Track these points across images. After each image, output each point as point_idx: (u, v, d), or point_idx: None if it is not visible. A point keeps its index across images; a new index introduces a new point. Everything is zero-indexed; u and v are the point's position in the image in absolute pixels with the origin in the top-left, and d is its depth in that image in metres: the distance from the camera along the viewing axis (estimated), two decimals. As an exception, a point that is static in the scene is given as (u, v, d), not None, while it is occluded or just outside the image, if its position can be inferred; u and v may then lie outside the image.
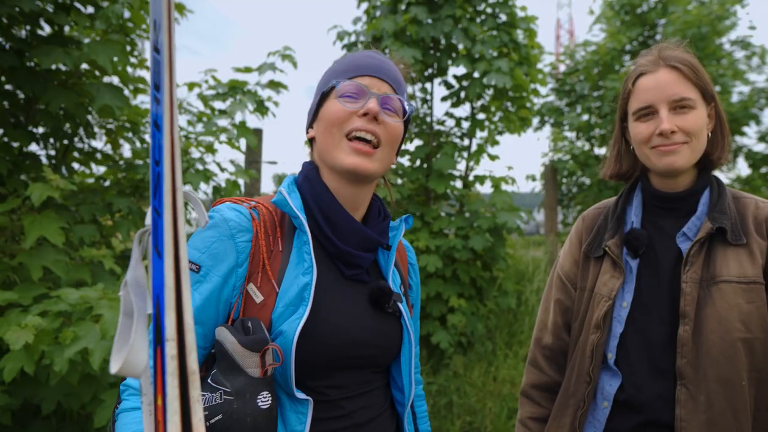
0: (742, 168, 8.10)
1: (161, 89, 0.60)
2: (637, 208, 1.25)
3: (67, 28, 2.66)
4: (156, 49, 0.59)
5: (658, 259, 1.18)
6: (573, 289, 1.31)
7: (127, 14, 2.71)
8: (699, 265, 1.13)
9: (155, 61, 0.59)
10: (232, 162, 3.25)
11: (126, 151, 3.80)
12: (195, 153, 3.17)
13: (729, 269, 1.11)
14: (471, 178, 4.85)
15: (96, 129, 3.15)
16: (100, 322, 1.89)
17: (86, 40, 2.73)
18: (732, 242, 1.13)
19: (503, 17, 4.68)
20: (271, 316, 0.91)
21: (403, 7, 4.52)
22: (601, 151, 7.16)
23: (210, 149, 3.18)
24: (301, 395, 0.91)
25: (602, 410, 1.18)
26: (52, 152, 3.02)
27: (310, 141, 1.07)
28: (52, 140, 2.92)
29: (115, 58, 2.35)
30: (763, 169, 7.80)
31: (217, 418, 0.82)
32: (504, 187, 4.64)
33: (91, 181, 3.10)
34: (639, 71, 1.22)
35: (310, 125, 1.06)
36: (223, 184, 3.19)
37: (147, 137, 3.27)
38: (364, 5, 4.75)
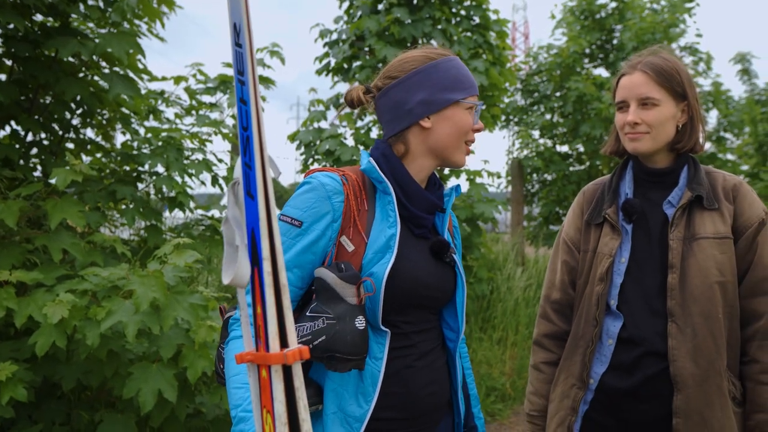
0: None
1: (245, 74, 0.81)
2: (629, 182, 1.51)
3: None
4: (238, 45, 0.80)
5: (649, 223, 1.44)
6: (577, 251, 1.55)
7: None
8: (682, 226, 1.39)
9: (238, 54, 0.80)
10: (230, 152, 3.38)
11: (117, 142, 3.87)
12: (189, 145, 3.28)
13: (706, 228, 1.38)
14: (447, 171, 5.11)
15: (89, 119, 3.22)
16: (133, 297, 2.02)
17: (87, 32, 2.82)
18: (707, 207, 1.39)
19: (477, 19, 4.96)
20: (362, 261, 1.12)
21: (382, 6, 4.74)
22: (563, 148, 7.57)
23: (202, 141, 3.30)
24: (383, 327, 1.13)
25: (608, 347, 1.42)
26: (45, 143, 3.08)
27: (410, 126, 1.23)
28: (42, 132, 2.99)
29: (130, 50, 2.47)
30: (709, 167, 8.38)
31: (321, 339, 1.01)
32: (478, 180, 4.91)
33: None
34: (622, 72, 1.50)
35: (427, 116, 1.20)
36: (221, 174, 3.32)
37: (140, 129, 3.36)
38: (345, 5, 4.94)
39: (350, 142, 4.57)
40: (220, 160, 3.33)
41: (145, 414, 2.18)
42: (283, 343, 0.75)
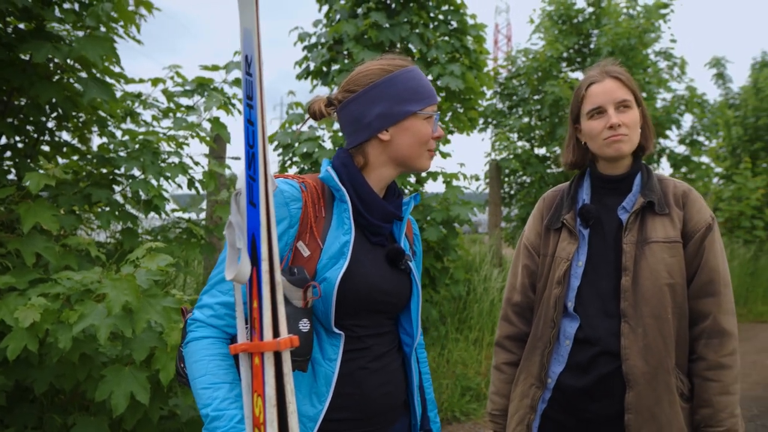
0: (665, 168, 8.87)
1: (254, 99, 0.90)
2: (587, 189, 1.57)
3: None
4: (249, 74, 0.89)
5: (604, 228, 1.50)
6: (537, 255, 1.61)
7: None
8: (635, 230, 1.45)
9: (248, 82, 0.89)
10: (206, 155, 3.40)
11: (93, 145, 3.85)
12: (166, 147, 3.28)
13: (657, 232, 1.45)
14: (424, 173, 5.16)
15: (65, 122, 3.21)
16: (105, 300, 2.04)
17: (63, 33, 2.82)
18: (659, 212, 1.46)
19: (454, 24, 5.02)
20: (317, 266, 1.16)
21: (360, 11, 4.78)
22: (540, 150, 7.68)
23: (179, 144, 3.31)
24: (336, 330, 1.16)
25: (565, 347, 1.48)
26: (20, 146, 3.07)
27: (369, 139, 1.26)
28: (17, 136, 2.97)
29: (105, 55, 2.48)
30: (683, 169, 8.57)
31: None
32: (455, 182, 4.98)
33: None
34: (589, 81, 1.54)
35: (385, 128, 1.24)
36: (197, 177, 3.33)
37: (116, 132, 3.36)
38: (325, 8, 4.97)
39: (328, 144, 4.60)
40: (197, 163, 3.35)
41: (117, 417, 2.20)
42: (276, 333, 0.83)
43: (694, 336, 1.45)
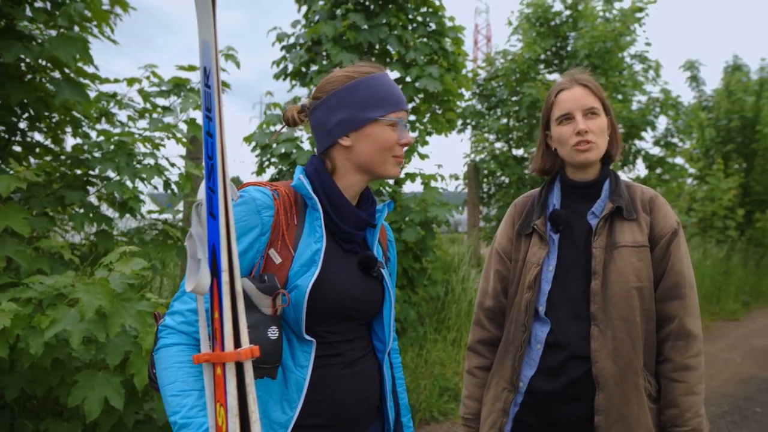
0: (641, 169, 9.03)
1: (213, 111, 0.91)
2: (557, 194, 1.60)
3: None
4: (208, 86, 0.90)
5: (574, 232, 1.53)
6: (509, 261, 1.63)
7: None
8: (605, 235, 1.49)
9: (207, 94, 0.90)
10: (183, 157, 3.37)
11: (66, 146, 3.79)
12: (142, 149, 3.24)
13: (625, 237, 1.48)
14: (402, 175, 5.18)
15: (38, 123, 3.16)
16: (78, 305, 2.01)
17: (35, 32, 2.77)
18: (627, 218, 1.50)
19: (433, 26, 5.05)
20: (288, 274, 1.17)
21: (339, 12, 4.78)
22: (518, 151, 7.76)
23: (155, 145, 3.27)
24: (307, 337, 1.17)
25: (536, 351, 1.51)
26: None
27: (332, 145, 1.27)
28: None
29: (78, 55, 2.45)
30: (658, 170, 8.73)
31: None
32: (433, 183, 5.00)
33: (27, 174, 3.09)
34: (559, 88, 1.57)
35: (346, 135, 1.24)
36: (173, 178, 3.30)
37: (91, 132, 3.31)
38: (304, 9, 4.96)
39: (306, 145, 4.59)
40: (173, 165, 3.31)
41: (91, 422, 2.17)
42: (237, 343, 0.84)
43: (660, 338, 1.48)
